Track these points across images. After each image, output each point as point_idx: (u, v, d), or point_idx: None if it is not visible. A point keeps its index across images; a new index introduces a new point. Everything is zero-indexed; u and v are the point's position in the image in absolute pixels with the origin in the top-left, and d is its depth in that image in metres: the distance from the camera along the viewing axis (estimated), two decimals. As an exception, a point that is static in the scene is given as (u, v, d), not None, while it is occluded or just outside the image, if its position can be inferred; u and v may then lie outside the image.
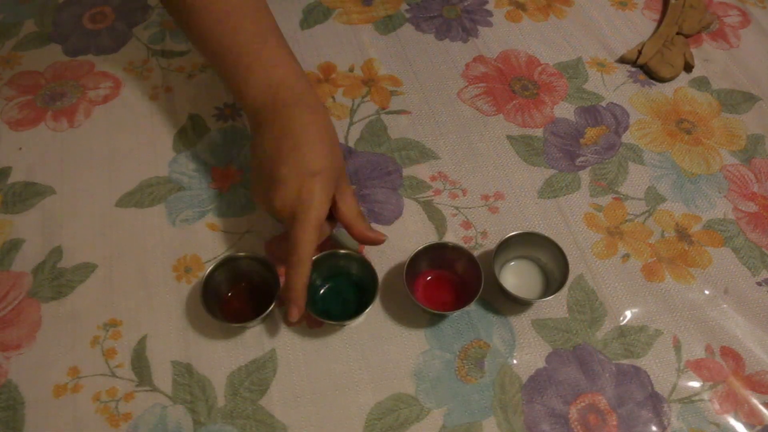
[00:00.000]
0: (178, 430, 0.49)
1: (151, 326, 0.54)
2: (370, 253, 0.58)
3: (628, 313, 0.56)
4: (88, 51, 0.74)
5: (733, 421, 0.51)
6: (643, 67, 0.75)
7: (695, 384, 0.53)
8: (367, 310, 0.52)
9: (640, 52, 0.75)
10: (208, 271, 0.53)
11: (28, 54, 0.73)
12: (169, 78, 0.71)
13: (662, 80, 0.74)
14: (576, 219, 0.62)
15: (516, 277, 0.57)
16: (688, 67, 0.75)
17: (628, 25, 0.80)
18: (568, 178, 0.65)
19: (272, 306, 0.51)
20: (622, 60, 0.75)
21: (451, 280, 0.56)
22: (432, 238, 0.60)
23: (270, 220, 0.59)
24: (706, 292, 0.58)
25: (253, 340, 0.54)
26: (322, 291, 0.55)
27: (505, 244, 0.55)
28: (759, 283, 0.59)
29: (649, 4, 0.83)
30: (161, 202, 0.61)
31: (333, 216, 0.53)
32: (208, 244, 0.59)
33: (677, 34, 0.77)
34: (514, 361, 0.53)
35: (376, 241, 0.53)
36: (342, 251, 0.54)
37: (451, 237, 0.60)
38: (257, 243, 0.59)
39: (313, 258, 0.50)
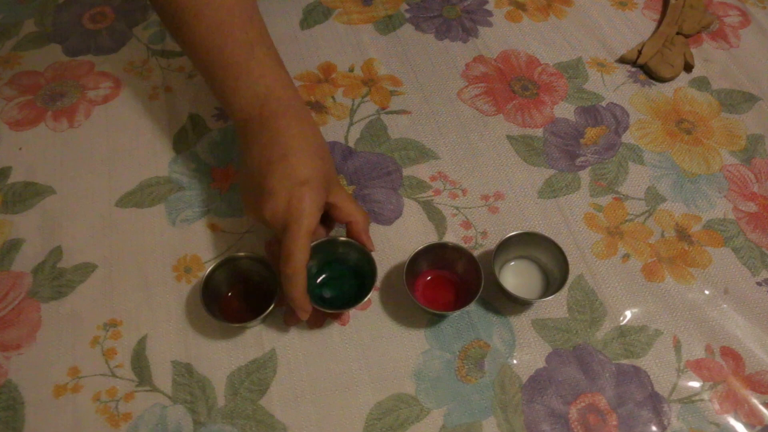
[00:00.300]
0: (178, 430, 0.49)
1: (151, 326, 0.54)
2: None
3: (628, 313, 0.56)
4: (88, 51, 0.74)
5: (733, 421, 0.51)
6: (643, 67, 0.75)
7: (695, 384, 0.53)
8: (365, 299, 0.51)
9: (640, 52, 0.75)
10: (208, 271, 0.53)
11: (28, 54, 0.73)
12: (169, 78, 0.71)
13: (662, 80, 0.74)
14: (576, 219, 0.62)
15: (516, 277, 0.57)
16: (688, 67, 0.75)
17: (628, 25, 0.80)
18: (568, 178, 0.65)
19: (272, 306, 0.51)
20: (622, 60, 0.75)
21: (451, 280, 0.56)
22: (432, 238, 0.60)
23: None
24: (706, 292, 0.58)
25: (253, 340, 0.54)
26: (319, 279, 0.55)
27: (505, 244, 0.55)
28: (759, 283, 0.59)
29: (649, 4, 0.83)
30: (161, 202, 0.61)
31: (327, 220, 0.54)
32: (208, 244, 0.59)
33: (677, 34, 0.77)
34: (514, 361, 0.53)
35: (367, 247, 0.53)
36: (341, 238, 0.54)
37: (451, 237, 0.60)
38: (257, 243, 0.59)
39: (312, 244, 0.50)
